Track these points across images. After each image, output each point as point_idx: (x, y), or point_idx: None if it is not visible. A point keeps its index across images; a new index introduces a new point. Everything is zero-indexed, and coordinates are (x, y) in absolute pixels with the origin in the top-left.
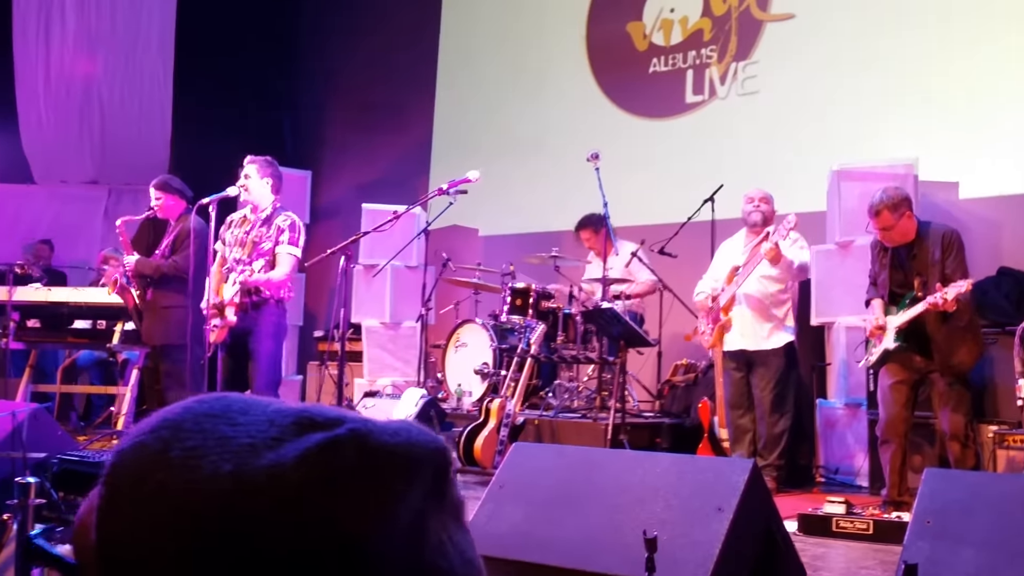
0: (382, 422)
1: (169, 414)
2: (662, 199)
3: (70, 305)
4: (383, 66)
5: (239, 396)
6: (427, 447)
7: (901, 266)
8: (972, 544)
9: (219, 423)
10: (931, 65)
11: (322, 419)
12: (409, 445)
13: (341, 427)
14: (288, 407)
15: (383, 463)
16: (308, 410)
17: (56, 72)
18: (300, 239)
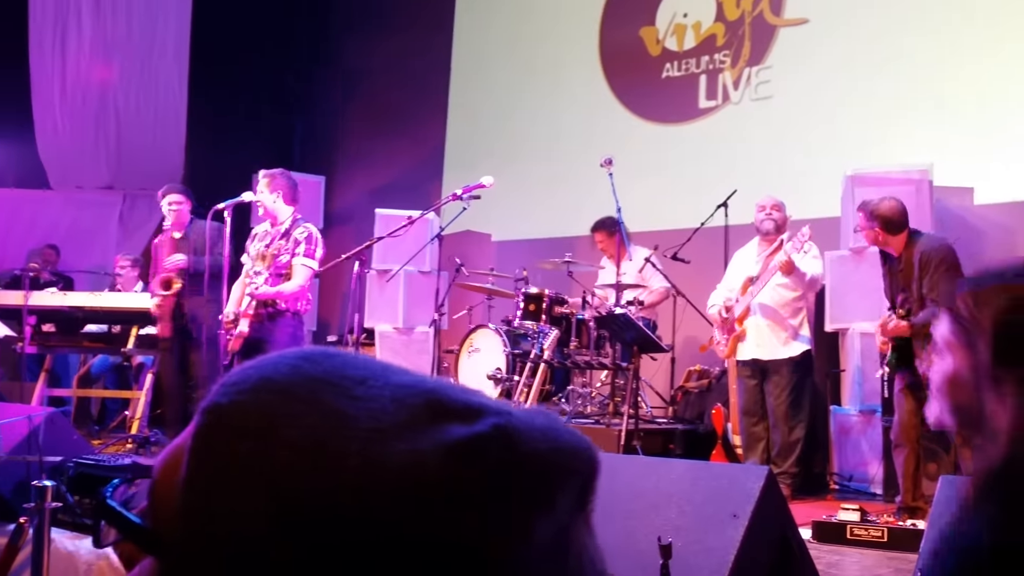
0: (526, 416)
1: (272, 372)
2: (675, 204)
3: (85, 310)
4: (396, 71)
5: (351, 356)
6: (579, 452)
7: (894, 276)
8: None
9: (337, 395)
10: (945, 70)
11: (460, 406)
12: (560, 451)
13: (483, 422)
14: (410, 380)
15: (532, 472)
16: (437, 391)
17: (72, 78)
18: (317, 251)
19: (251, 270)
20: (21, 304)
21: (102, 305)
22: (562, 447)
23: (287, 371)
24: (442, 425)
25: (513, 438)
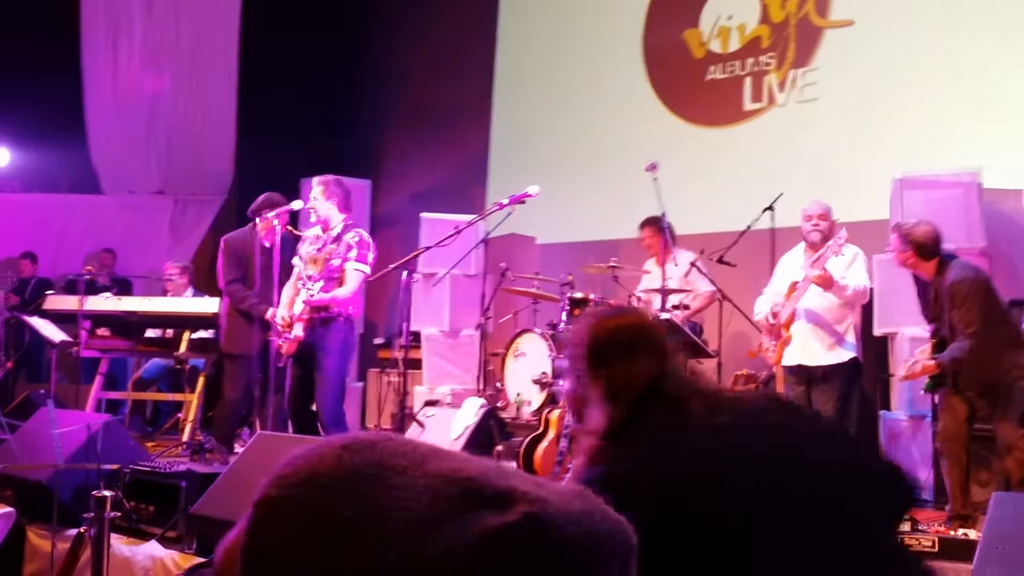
0: (561, 501)
1: (318, 464)
2: (720, 208)
3: (139, 314)
4: (440, 76)
5: (392, 442)
6: (613, 539)
7: (926, 301)
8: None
9: (375, 487)
10: (994, 70)
11: (491, 492)
12: (594, 537)
13: (515, 509)
14: (449, 467)
15: (565, 562)
16: (475, 479)
17: (124, 85)
18: (368, 255)
19: (303, 273)
20: (77, 309)
21: (155, 309)
22: (597, 532)
23: (332, 462)
24: (476, 515)
25: (545, 526)
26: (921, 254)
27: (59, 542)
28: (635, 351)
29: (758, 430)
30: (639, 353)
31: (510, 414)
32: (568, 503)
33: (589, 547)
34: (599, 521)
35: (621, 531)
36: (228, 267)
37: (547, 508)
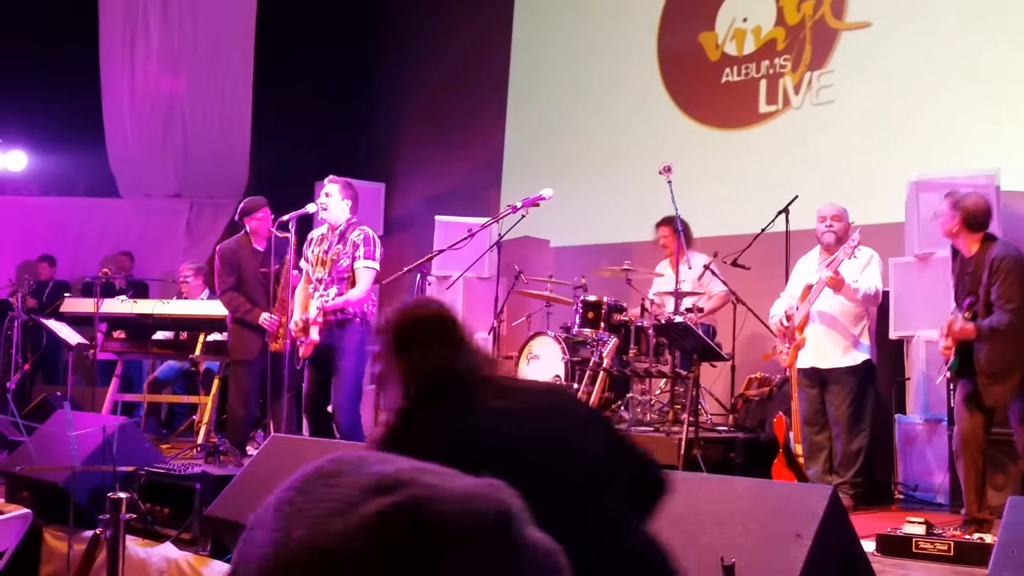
0: (452, 483)
1: (306, 470)
2: (735, 210)
3: (154, 317)
4: (455, 79)
5: (362, 455)
6: (488, 517)
7: (961, 279)
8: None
9: (322, 485)
10: (1010, 73)
11: (392, 482)
12: (468, 515)
13: (403, 491)
14: (387, 467)
15: (436, 536)
16: (391, 474)
17: (141, 89)
18: (376, 251)
19: (312, 276)
20: (93, 311)
21: (170, 312)
22: (473, 511)
23: (313, 468)
24: (373, 499)
25: (423, 507)
26: (968, 224)
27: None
28: (431, 340)
29: (525, 415)
30: (435, 342)
31: None
32: (461, 485)
33: (463, 526)
34: (481, 501)
35: (500, 512)
36: (222, 276)
37: (431, 491)
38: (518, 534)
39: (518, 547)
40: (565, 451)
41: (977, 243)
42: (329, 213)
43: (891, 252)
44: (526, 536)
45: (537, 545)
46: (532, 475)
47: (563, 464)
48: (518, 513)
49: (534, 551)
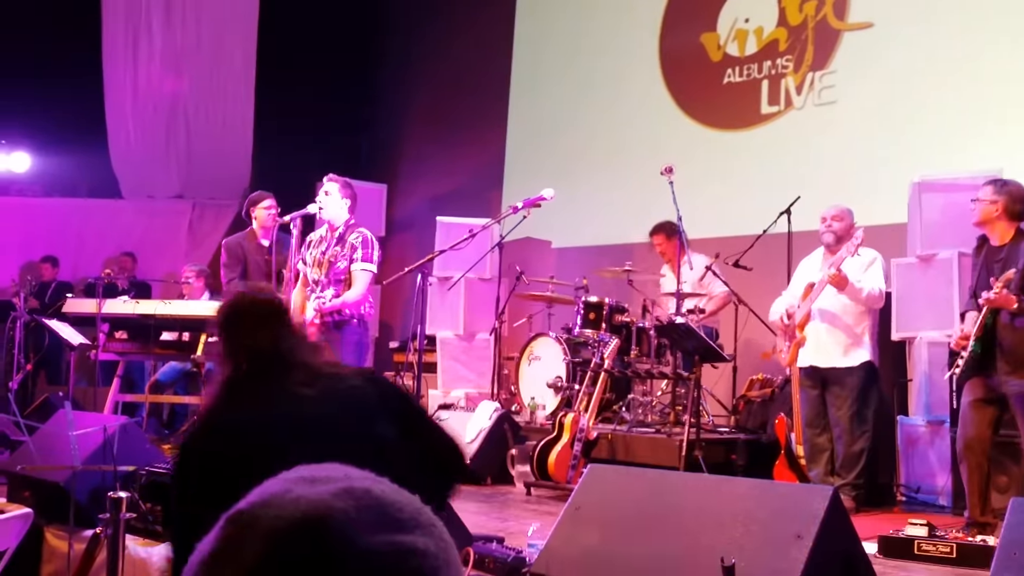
0: (285, 491)
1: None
2: (737, 211)
3: (156, 317)
4: (457, 80)
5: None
6: (294, 524)
7: (989, 266)
8: None
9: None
10: (1013, 72)
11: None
12: (276, 519)
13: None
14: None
15: (248, 540)
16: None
17: (143, 90)
18: (374, 254)
19: (309, 278)
20: (95, 312)
21: (172, 313)
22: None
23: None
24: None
25: (240, 512)
26: (1009, 210)
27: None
28: (261, 323)
29: (317, 400)
30: (264, 325)
31: (524, 418)
32: (283, 497)
33: (275, 528)
34: (294, 508)
35: (314, 518)
36: (228, 268)
37: (255, 502)
38: (337, 542)
39: (335, 555)
40: (347, 435)
41: (1012, 232)
42: (328, 212)
43: (893, 253)
44: (350, 543)
45: (371, 552)
46: (313, 456)
47: (341, 447)
48: (339, 521)
49: (364, 559)
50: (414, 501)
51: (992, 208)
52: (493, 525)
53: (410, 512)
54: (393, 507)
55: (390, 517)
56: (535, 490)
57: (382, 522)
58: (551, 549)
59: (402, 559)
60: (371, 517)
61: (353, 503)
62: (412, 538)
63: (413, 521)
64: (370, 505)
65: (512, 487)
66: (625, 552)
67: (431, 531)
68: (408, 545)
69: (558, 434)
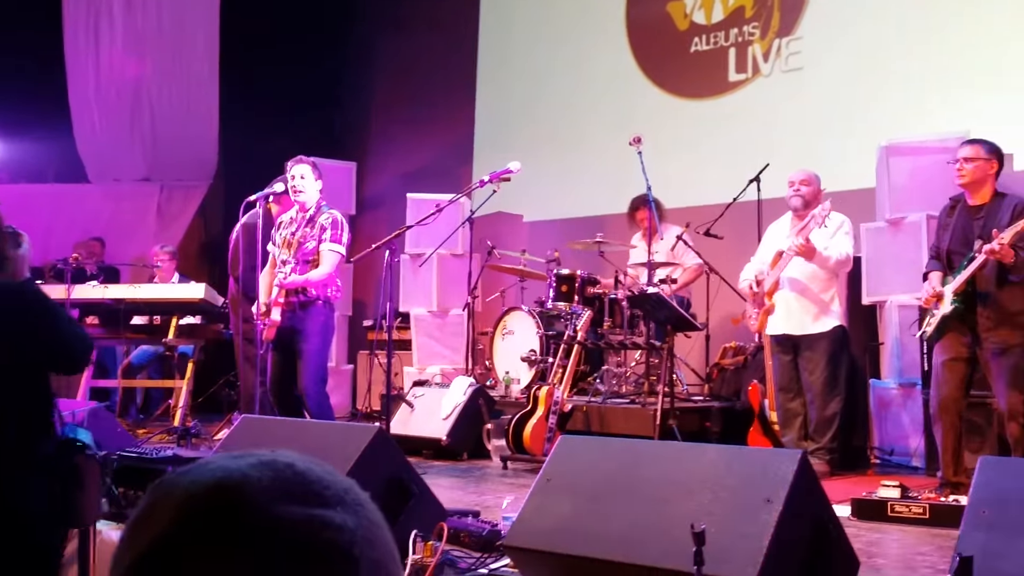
0: (198, 465)
1: None
2: (707, 180)
3: (126, 302)
4: (425, 57)
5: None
6: (199, 496)
7: (966, 226)
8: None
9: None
10: (979, 34)
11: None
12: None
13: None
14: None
15: (159, 508)
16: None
17: (106, 73)
18: (343, 235)
19: (277, 258)
20: (64, 298)
21: (142, 296)
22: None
23: None
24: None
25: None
26: (999, 171)
27: None
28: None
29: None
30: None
31: (499, 392)
32: (203, 468)
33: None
34: (205, 477)
35: (220, 490)
36: (248, 253)
37: (174, 472)
38: (247, 509)
39: (244, 521)
40: None
41: (992, 191)
42: (305, 195)
43: (862, 217)
44: (261, 511)
45: (282, 521)
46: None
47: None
48: (252, 490)
49: (274, 527)
50: (344, 482)
51: (988, 166)
52: (469, 499)
53: (335, 490)
54: (317, 483)
55: (310, 491)
56: (511, 464)
57: (299, 495)
58: (523, 521)
59: (315, 531)
60: (288, 489)
61: (271, 474)
62: (331, 513)
63: (336, 498)
64: (289, 478)
65: (488, 461)
66: (596, 521)
67: (356, 510)
68: (323, 518)
69: (533, 407)
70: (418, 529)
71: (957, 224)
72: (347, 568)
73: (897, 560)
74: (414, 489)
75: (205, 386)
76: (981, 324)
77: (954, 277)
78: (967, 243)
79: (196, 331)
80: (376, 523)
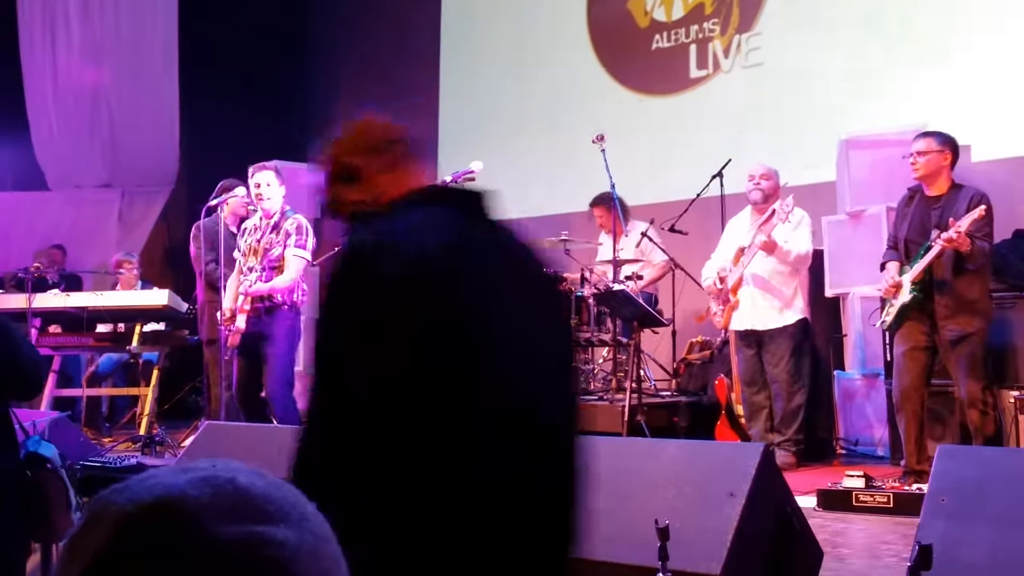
0: (138, 480)
1: None
2: (670, 176)
3: (89, 309)
4: (387, 57)
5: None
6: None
7: (923, 216)
8: (987, 522)
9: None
10: (936, 28)
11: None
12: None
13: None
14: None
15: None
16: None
17: (64, 79)
18: (308, 240)
19: (244, 266)
20: (26, 307)
21: (105, 304)
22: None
23: None
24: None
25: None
26: (953, 160)
27: None
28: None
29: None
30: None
31: None
32: (144, 483)
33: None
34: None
35: (165, 507)
36: (204, 251)
37: (114, 489)
38: (184, 528)
39: (181, 541)
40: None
41: (949, 182)
42: (271, 202)
43: (824, 211)
44: (199, 531)
45: (219, 540)
46: None
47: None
48: (189, 508)
49: (211, 546)
50: (289, 495)
51: (941, 158)
52: None
53: (279, 504)
54: (259, 499)
55: (251, 508)
56: None
57: (240, 512)
58: None
59: (254, 549)
60: (228, 506)
61: (210, 491)
62: (272, 529)
63: (280, 513)
64: (229, 494)
65: None
66: None
67: (301, 524)
68: (263, 535)
69: None
70: None
71: (915, 214)
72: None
73: (862, 549)
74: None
75: (171, 393)
76: (939, 312)
77: (911, 267)
78: (924, 233)
79: (161, 338)
80: (322, 537)
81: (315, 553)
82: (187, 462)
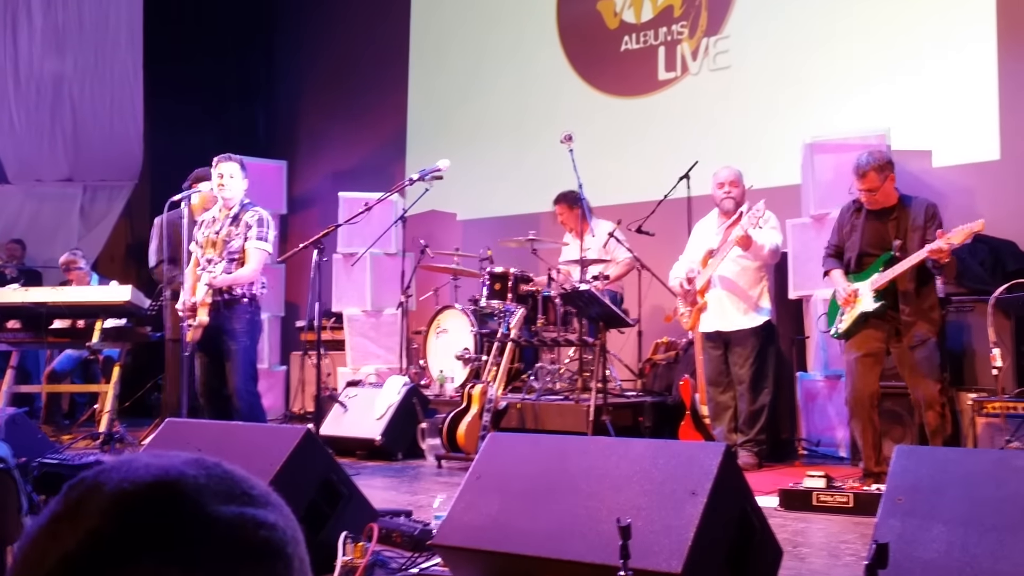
0: (124, 462)
1: None
2: (638, 178)
3: (48, 305)
4: (356, 54)
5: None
6: (140, 490)
7: (879, 228)
8: (943, 521)
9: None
10: (900, 34)
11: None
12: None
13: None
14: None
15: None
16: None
17: (25, 71)
18: (269, 233)
19: (202, 258)
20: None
21: (65, 300)
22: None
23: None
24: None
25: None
26: (894, 171)
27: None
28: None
29: None
30: None
31: (434, 391)
32: (135, 467)
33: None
34: (144, 475)
35: (162, 484)
36: (160, 249)
37: (111, 467)
38: (187, 506)
39: (184, 519)
40: None
41: (896, 194)
42: (230, 191)
43: (788, 214)
44: (200, 509)
45: (220, 519)
46: None
47: None
48: (190, 487)
49: (213, 525)
50: (263, 484)
51: (888, 182)
52: (403, 499)
53: (261, 490)
54: (245, 483)
55: (241, 491)
56: (446, 463)
57: (233, 494)
58: (453, 519)
59: (251, 529)
60: (222, 487)
61: (204, 472)
62: (263, 512)
63: (264, 498)
64: (221, 476)
65: (423, 461)
66: (524, 518)
67: (281, 510)
68: (256, 517)
69: (467, 406)
70: (349, 531)
71: (867, 226)
72: (280, 565)
73: (821, 548)
74: (343, 491)
75: (132, 390)
76: (903, 320)
77: (865, 276)
78: (881, 245)
79: (122, 334)
80: (297, 528)
81: (296, 538)
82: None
